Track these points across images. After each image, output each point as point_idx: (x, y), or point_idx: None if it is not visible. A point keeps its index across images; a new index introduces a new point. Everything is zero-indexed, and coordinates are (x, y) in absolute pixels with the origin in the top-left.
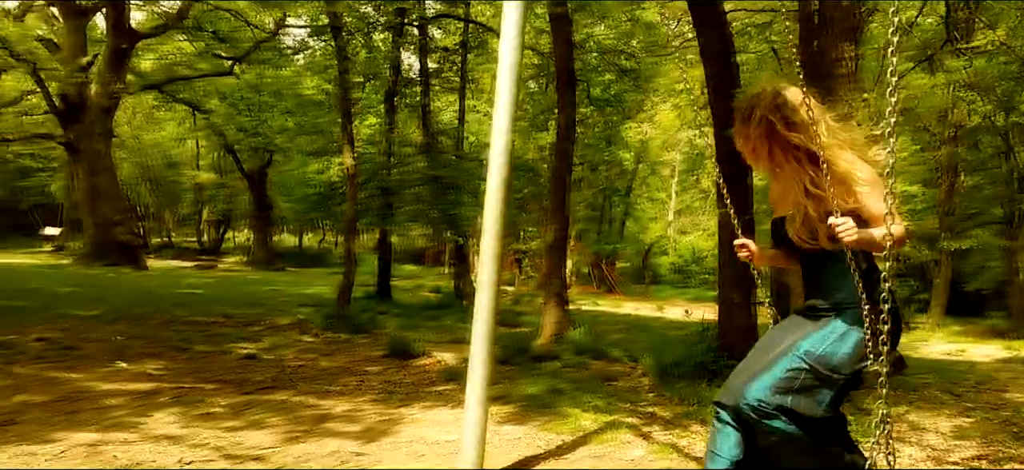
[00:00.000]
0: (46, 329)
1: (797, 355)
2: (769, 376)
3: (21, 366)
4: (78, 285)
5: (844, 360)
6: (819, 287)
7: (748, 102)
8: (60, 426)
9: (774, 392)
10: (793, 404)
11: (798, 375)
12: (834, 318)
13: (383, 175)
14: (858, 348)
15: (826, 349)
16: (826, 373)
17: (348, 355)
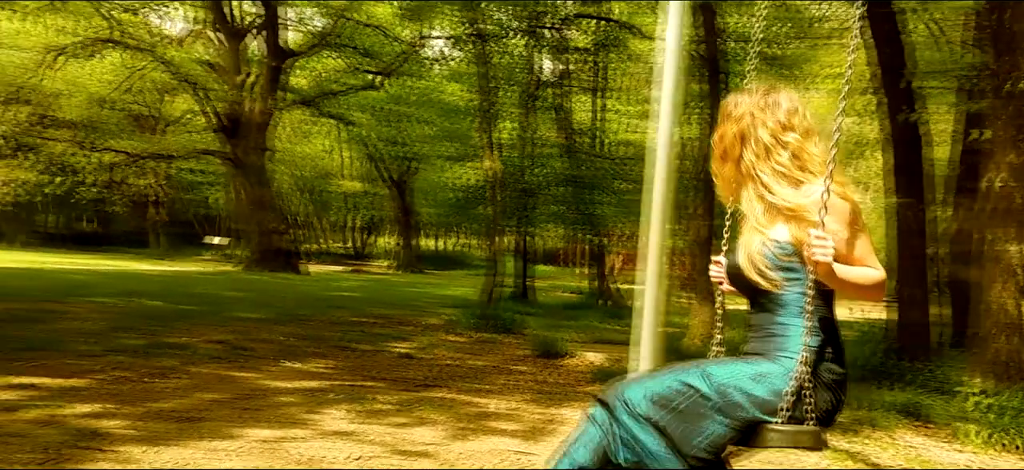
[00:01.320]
0: (218, 331)
1: (698, 372)
2: (655, 383)
3: (198, 366)
4: (243, 290)
5: (749, 401)
6: (760, 332)
7: (735, 97)
8: (239, 423)
9: (652, 401)
10: (666, 423)
11: (687, 394)
12: (762, 359)
13: (522, 177)
14: (771, 398)
15: (734, 381)
16: (720, 404)
17: (496, 354)
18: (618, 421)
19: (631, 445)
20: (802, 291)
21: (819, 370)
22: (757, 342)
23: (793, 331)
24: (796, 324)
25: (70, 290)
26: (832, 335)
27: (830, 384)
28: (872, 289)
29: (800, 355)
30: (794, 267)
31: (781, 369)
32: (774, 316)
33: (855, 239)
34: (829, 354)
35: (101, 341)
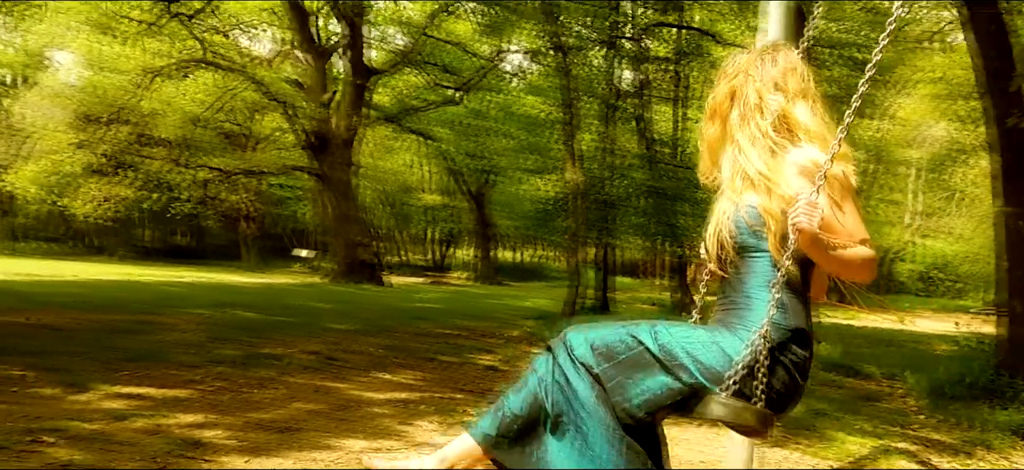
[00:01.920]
0: (311, 342)
1: (648, 328)
2: (601, 331)
3: (294, 376)
4: (331, 301)
5: (695, 365)
6: (724, 302)
7: (736, 55)
8: (334, 433)
9: (593, 347)
10: (602, 371)
11: (631, 346)
12: (721, 329)
13: (603, 188)
14: (719, 366)
15: (684, 342)
16: (664, 363)
17: None
18: (556, 363)
19: (563, 389)
20: (771, 260)
21: (779, 348)
22: (721, 313)
23: (758, 304)
24: (762, 297)
25: (167, 302)
26: (801, 315)
27: (789, 366)
28: (859, 266)
29: (761, 327)
30: (764, 236)
31: (738, 340)
32: (740, 287)
33: (843, 211)
34: (794, 334)
35: (200, 352)
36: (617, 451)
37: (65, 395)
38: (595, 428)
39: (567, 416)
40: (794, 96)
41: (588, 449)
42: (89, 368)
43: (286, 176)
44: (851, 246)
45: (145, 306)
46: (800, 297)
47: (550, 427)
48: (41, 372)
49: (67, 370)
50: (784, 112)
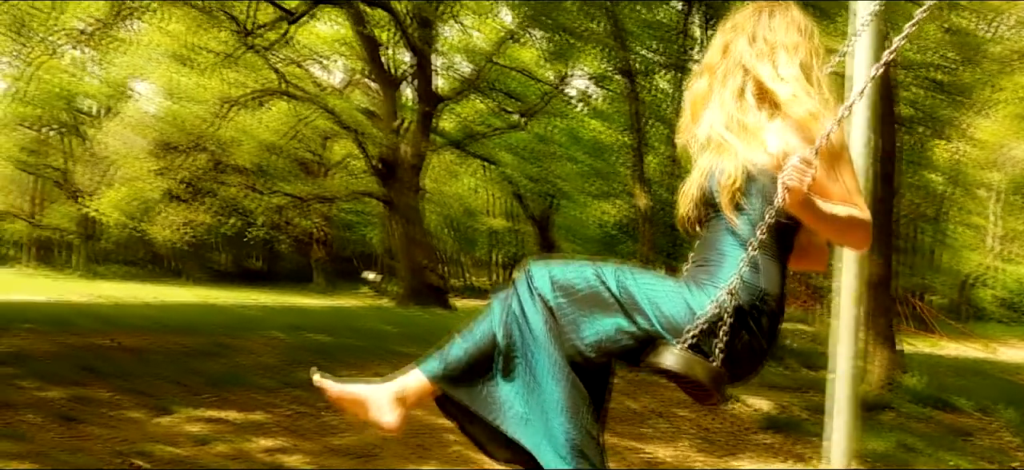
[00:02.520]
0: (383, 366)
1: (614, 270)
2: (565, 267)
3: None
4: (399, 324)
5: (655, 312)
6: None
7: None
8: (414, 460)
9: (553, 281)
10: (558, 306)
11: (592, 284)
12: (689, 282)
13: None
14: (681, 317)
15: (647, 288)
16: (624, 304)
17: (654, 397)
18: (516, 294)
19: (518, 320)
20: (750, 220)
21: (746, 308)
22: (692, 268)
23: (730, 262)
24: (735, 255)
25: (243, 324)
26: (774, 279)
27: (754, 328)
28: (853, 229)
29: (730, 285)
30: (750, 193)
31: (704, 296)
32: (714, 245)
33: (838, 173)
34: (763, 296)
35: (276, 375)
36: (562, 387)
37: (151, 418)
38: (543, 361)
39: (518, 349)
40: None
41: (536, 384)
42: (172, 391)
43: (355, 201)
44: (844, 209)
45: (221, 329)
46: (777, 261)
47: (501, 362)
48: (128, 395)
49: (151, 393)
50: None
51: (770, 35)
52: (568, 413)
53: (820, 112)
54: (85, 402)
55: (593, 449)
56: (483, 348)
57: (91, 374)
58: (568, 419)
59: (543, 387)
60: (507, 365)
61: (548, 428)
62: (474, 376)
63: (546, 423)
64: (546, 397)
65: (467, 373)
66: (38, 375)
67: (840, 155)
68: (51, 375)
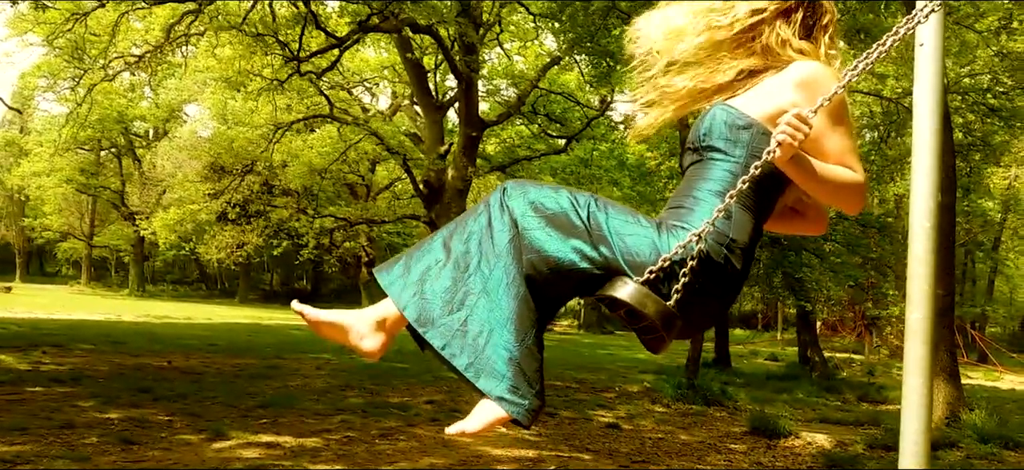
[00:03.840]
0: (429, 391)
1: (588, 198)
2: (543, 188)
3: (417, 427)
4: None
5: (618, 244)
6: (671, 203)
7: None
8: None
9: (525, 200)
10: (524, 222)
11: (563, 207)
12: (660, 224)
13: None
14: (642, 254)
15: (615, 220)
16: (588, 231)
17: (707, 429)
18: (486, 206)
19: (482, 231)
20: (732, 169)
21: (711, 258)
22: (666, 211)
23: (704, 207)
24: (711, 202)
25: (293, 345)
26: (745, 232)
27: (716, 276)
28: (846, 190)
29: (699, 228)
30: (739, 141)
31: (672, 238)
32: (691, 189)
33: (836, 132)
34: (732, 247)
35: (326, 399)
36: (514, 302)
37: (208, 442)
38: (499, 272)
39: (475, 258)
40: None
41: (485, 293)
42: (225, 414)
43: (399, 224)
44: (837, 169)
45: (272, 349)
46: (751, 215)
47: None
48: (184, 417)
49: (207, 416)
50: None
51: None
52: (515, 328)
53: (826, 73)
54: (142, 424)
55: (532, 368)
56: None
57: (147, 395)
58: (513, 334)
59: (494, 297)
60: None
61: (491, 342)
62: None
63: (490, 336)
64: (496, 310)
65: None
66: (96, 395)
67: (839, 114)
68: (109, 395)
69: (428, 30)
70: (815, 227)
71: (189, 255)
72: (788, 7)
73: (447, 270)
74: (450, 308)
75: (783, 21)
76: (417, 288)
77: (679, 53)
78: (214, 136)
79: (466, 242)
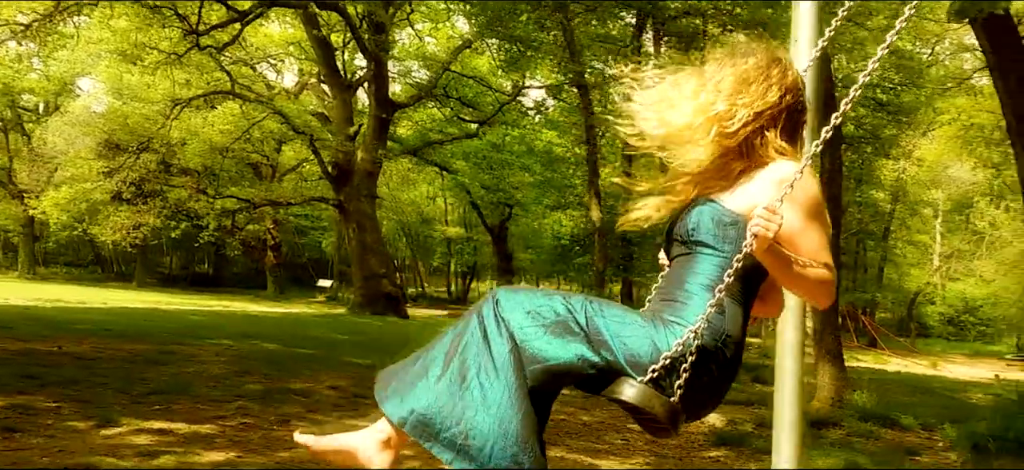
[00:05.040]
0: (335, 377)
1: (582, 301)
2: (534, 295)
3: (319, 413)
4: (352, 333)
5: (619, 346)
6: (661, 294)
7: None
8: None
9: (520, 310)
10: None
11: (559, 314)
12: (654, 319)
13: None
14: (643, 353)
15: (612, 321)
16: (587, 335)
17: (608, 411)
18: (479, 318)
19: (479, 344)
20: (721, 264)
21: (710, 353)
22: (657, 303)
23: (696, 302)
24: (702, 296)
25: (191, 331)
26: (737, 323)
27: (714, 370)
28: (816, 286)
29: (695, 324)
30: (727, 238)
31: (669, 334)
32: (682, 283)
33: (811, 230)
34: (726, 341)
35: (224, 386)
36: (515, 415)
37: (96, 429)
38: (499, 387)
39: (472, 370)
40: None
41: (485, 407)
42: (118, 401)
43: (307, 206)
44: (810, 264)
45: (169, 335)
46: (741, 306)
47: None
48: (73, 404)
49: (97, 403)
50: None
51: (766, 87)
52: (521, 440)
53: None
54: (27, 411)
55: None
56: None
57: (34, 382)
58: (521, 447)
59: (496, 412)
60: (461, 388)
61: (495, 455)
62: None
63: (493, 450)
64: (500, 423)
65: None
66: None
67: (813, 211)
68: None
69: (335, 6)
70: (773, 310)
71: (83, 236)
72: (781, 111)
73: (443, 385)
74: (451, 423)
75: (772, 125)
76: (413, 405)
77: (688, 162)
78: (108, 112)
79: (462, 354)
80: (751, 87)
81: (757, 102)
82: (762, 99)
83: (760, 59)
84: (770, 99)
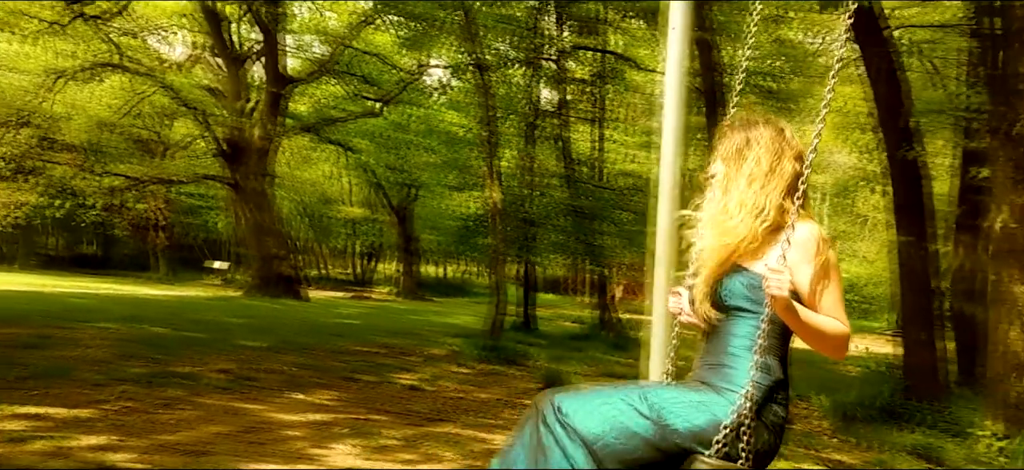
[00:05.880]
0: (223, 360)
1: (639, 392)
2: (592, 398)
3: (205, 397)
4: (245, 316)
5: (685, 427)
6: (709, 360)
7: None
8: (248, 457)
9: (589, 414)
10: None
11: (624, 411)
12: (706, 391)
13: (524, 207)
14: (708, 429)
15: (673, 404)
16: (654, 424)
17: (503, 387)
18: (549, 429)
19: (560, 461)
20: (757, 325)
21: (763, 410)
22: (704, 370)
23: (742, 364)
24: (747, 357)
25: (73, 314)
26: (781, 377)
27: (771, 426)
28: (832, 340)
29: (745, 389)
30: (757, 300)
31: (725, 401)
32: (725, 347)
33: (825, 287)
34: (776, 396)
35: (107, 369)
36: None
37: None
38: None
39: None
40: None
41: None
42: None
43: (199, 185)
44: (825, 318)
45: (49, 318)
46: (779, 359)
47: None
48: None
49: None
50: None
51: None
52: None
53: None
54: None
55: None
56: None
57: None
58: None
59: None
60: None
61: None
62: None
63: None
64: None
65: None
66: None
67: (827, 270)
68: None
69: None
70: None
71: None
72: (794, 178)
73: None
74: None
75: (789, 194)
76: None
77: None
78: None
79: None
80: (775, 175)
81: (780, 185)
82: (782, 180)
83: (771, 138)
84: (787, 174)
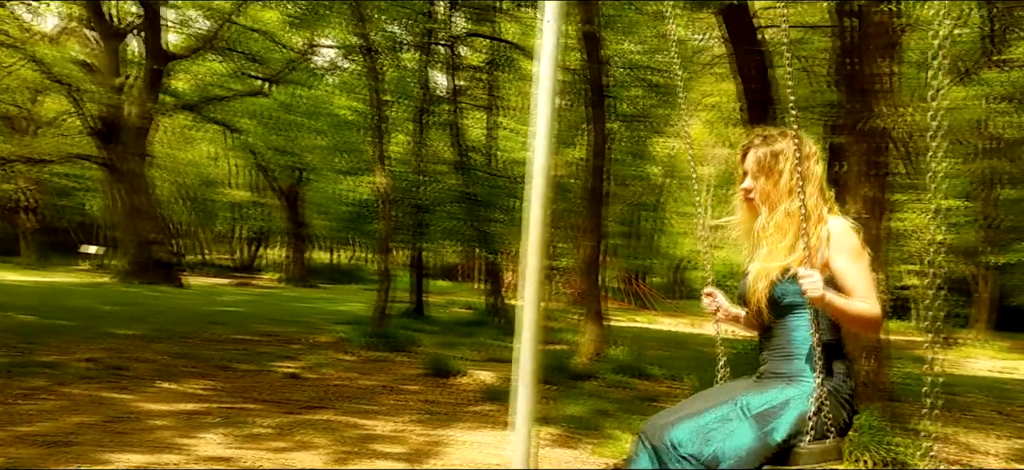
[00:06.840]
0: (92, 349)
1: (732, 405)
2: (696, 422)
3: (69, 386)
4: (119, 303)
5: (783, 426)
6: (777, 353)
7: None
8: (112, 447)
9: (695, 432)
10: (707, 459)
11: (726, 428)
12: (784, 385)
13: (415, 193)
14: (797, 422)
15: (767, 407)
16: (756, 430)
17: (388, 374)
18: (665, 462)
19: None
20: (811, 316)
21: (834, 388)
22: (776, 361)
23: (807, 351)
24: (809, 344)
25: None
26: (841, 354)
27: (844, 400)
28: (864, 323)
29: (816, 376)
30: None
31: (803, 392)
32: (790, 339)
33: (859, 273)
34: (841, 372)
35: None
36: None
37: None
38: None
39: None
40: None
41: None
42: None
43: (71, 165)
44: (859, 304)
45: None
46: (836, 341)
47: None
48: None
49: None
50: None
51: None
52: None
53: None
54: None
55: None
56: None
57: None
58: None
59: None
60: None
61: None
62: None
63: None
64: None
65: None
66: None
67: (858, 254)
68: None
69: None
70: None
71: None
72: None
73: None
74: None
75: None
76: None
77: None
78: None
79: None
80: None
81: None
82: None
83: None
84: (817, 177)
